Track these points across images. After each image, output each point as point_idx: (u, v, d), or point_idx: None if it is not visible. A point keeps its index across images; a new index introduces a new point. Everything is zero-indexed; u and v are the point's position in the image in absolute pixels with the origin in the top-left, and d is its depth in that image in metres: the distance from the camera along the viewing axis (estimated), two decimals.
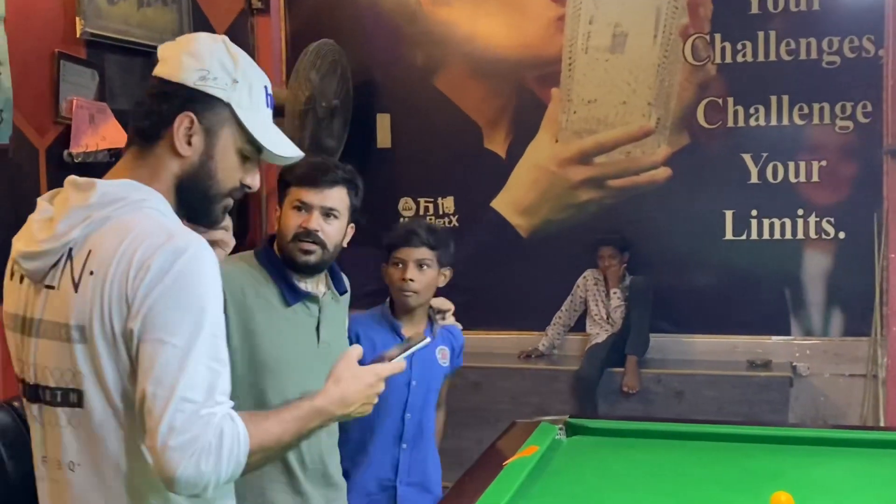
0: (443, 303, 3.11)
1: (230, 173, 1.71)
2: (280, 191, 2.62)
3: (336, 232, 2.54)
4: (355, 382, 1.75)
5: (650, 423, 3.14)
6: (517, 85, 5.65)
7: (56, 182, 4.32)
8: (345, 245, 2.64)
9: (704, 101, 5.39)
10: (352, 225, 2.64)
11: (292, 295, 2.52)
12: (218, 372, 1.52)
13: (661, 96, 5.42)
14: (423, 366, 2.98)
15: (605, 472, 2.60)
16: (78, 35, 4.16)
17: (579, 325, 5.51)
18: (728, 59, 5.37)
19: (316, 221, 2.50)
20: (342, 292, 2.69)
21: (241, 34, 5.65)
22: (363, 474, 2.92)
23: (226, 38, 1.75)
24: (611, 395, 5.10)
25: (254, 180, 1.75)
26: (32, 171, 3.91)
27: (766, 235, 5.32)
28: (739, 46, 5.33)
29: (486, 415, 5.05)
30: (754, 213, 5.34)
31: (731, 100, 5.37)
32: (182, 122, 1.64)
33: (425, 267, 2.94)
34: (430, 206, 5.83)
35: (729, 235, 5.37)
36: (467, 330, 5.68)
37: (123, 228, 1.56)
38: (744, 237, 5.36)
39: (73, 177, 1.67)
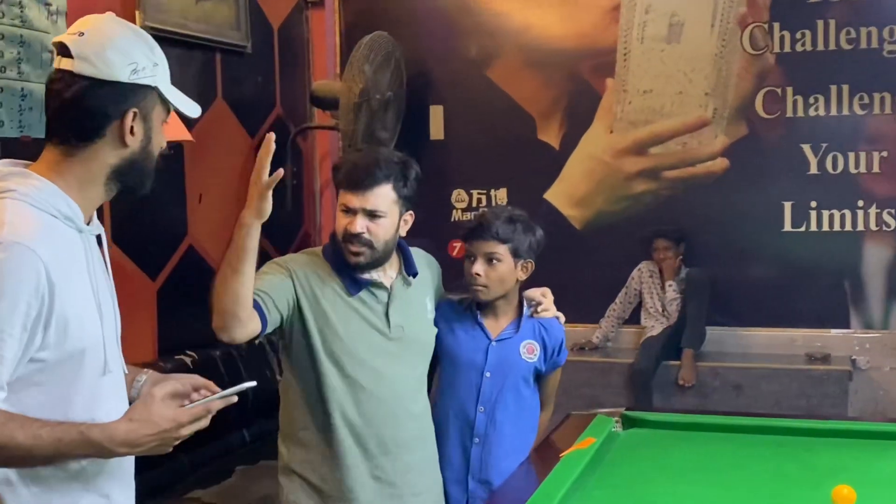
0: (535, 293, 3.01)
1: (159, 146, 1.87)
2: (336, 190, 2.73)
3: (384, 231, 2.61)
4: (148, 426, 1.71)
5: (709, 416, 3.11)
6: (572, 75, 5.63)
7: None
8: (402, 234, 2.72)
9: (763, 91, 5.33)
10: (410, 212, 2.70)
11: (354, 286, 2.64)
12: None
13: (718, 86, 5.37)
14: (501, 358, 2.90)
15: (663, 465, 2.59)
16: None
17: (633, 318, 5.49)
18: (787, 49, 5.30)
19: (360, 224, 2.58)
20: (414, 275, 2.76)
21: (295, 27, 5.70)
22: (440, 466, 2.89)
23: (118, 18, 1.84)
24: (666, 388, 5.08)
25: (165, 143, 1.89)
26: None
27: (825, 227, 5.25)
28: (798, 35, 5.27)
29: None
30: (813, 204, 5.28)
31: (790, 89, 5.30)
32: (128, 119, 1.77)
33: (495, 261, 2.83)
34: (483, 197, 5.84)
35: (787, 227, 5.31)
36: None
37: None
38: (803, 229, 5.30)
39: None
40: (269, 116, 5.42)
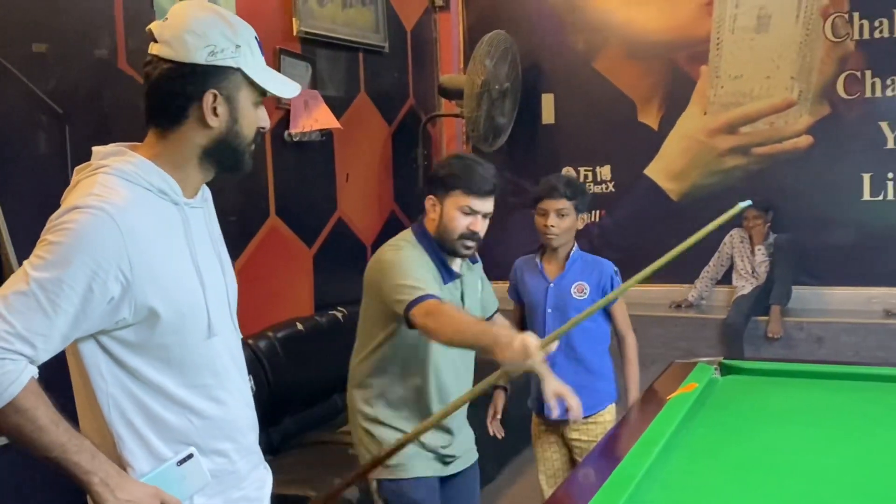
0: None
1: (252, 126, 1.68)
2: (441, 189, 2.56)
3: (485, 229, 2.62)
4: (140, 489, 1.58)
5: (798, 363, 3.05)
6: (669, 64, 5.53)
7: (279, 158, 4.49)
8: None
9: (844, 75, 5.13)
10: None
11: (448, 276, 2.60)
12: (44, 312, 1.47)
13: (802, 71, 5.19)
14: (558, 297, 3.08)
15: (760, 407, 2.55)
16: (294, 33, 4.30)
17: (725, 279, 5.39)
18: (866, 36, 5.10)
19: (482, 226, 2.57)
20: (474, 262, 2.77)
21: (425, 28, 5.74)
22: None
23: (207, 1, 1.66)
24: (756, 340, 4.98)
25: (267, 121, 1.72)
26: (259, 150, 4.05)
27: None
28: (877, 23, 5.06)
29: (640, 358, 5.01)
30: (890, 175, 5.09)
31: (868, 72, 5.10)
32: (207, 100, 1.61)
33: (564, 215, 3.06)
34: (590, 174, 5.79)
35: (866, 196, 5.13)
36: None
37: (73, 190, 1.58)
38: (880, 198, 5.11)
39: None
40: (404, 107, 5.47)
